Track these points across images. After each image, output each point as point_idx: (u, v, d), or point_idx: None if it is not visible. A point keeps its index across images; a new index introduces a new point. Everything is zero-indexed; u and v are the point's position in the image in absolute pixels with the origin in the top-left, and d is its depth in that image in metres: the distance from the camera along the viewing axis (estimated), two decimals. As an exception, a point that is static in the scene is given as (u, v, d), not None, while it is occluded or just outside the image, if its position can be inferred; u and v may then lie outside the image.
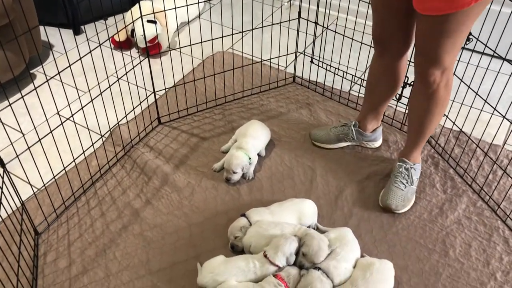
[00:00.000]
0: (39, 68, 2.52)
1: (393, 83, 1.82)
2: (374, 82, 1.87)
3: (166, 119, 2.21)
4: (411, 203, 1.82)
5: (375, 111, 1.96)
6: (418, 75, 1.58)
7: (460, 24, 1.37)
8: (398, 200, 1.77)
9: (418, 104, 1.68)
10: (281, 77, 2.46)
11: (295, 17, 2.29)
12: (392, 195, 1.78)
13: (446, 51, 1.45)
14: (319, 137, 2.06)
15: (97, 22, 2.90)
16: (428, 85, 1.56)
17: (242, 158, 1.86)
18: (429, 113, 1.66)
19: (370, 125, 2.00)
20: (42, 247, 1.67)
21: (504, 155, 2.03)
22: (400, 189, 1.79)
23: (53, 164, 1.92)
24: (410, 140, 1.81)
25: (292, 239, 1.51)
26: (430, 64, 1.50)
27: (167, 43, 2.60)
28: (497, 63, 2.47)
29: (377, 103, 1.93)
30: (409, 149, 1.83)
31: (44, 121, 2.19)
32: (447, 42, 1.42)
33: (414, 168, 1.83)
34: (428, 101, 1.62)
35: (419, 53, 1.52)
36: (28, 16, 2.27)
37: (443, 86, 1.57)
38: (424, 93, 1.61)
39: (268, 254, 1.49)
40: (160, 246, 1.68)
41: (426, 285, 1.57)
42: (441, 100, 1.61)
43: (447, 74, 1.54)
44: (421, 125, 1.72)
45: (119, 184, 1.90)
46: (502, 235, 1.73)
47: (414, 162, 1.83)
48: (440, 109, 1.65)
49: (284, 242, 1.50)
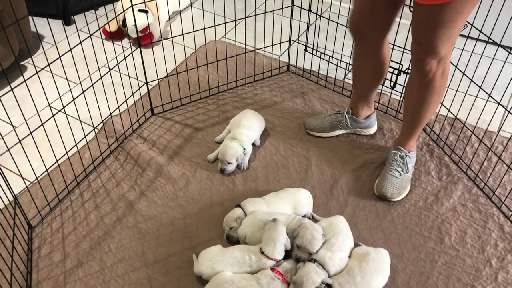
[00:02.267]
0: (28, 60, 2.48)
1: (377, 69, 1.81)
2: (359, 69, 1.86)
3: (159, 110, 2.19)
4: (407, 191, 1.82)
5: (365, 97, 1.94)
6: (414, 64, 1.57)
7: (456, 14, 1.36)
8: (393, 188, 1.77)
9: (414, 93, 1.67)
10: (275, 66, 2.44)
11: (288, 5, 2.26)
12: (387, 183, 1.78)
13: (442, 41, 1.43)
14: (314, 126, 2.05)
15: (88, 12, 2.85)
16: (424, 74, 1.55)
17: (237, 148, 1.85)
18: (425, 102, 1.65)
19: (363, 112, 1.99)
20: (36, 240, 1.66)
21: (499, 141, 2.03)
22: (395, 177, 1.79)
23: (46, 157, 1.90)
24: (405, 128, 1.80)
25: (278, 225, 1.50)
26: (426, 53, 1.48)
27: (159, 33, 2.56)
28: (492, 49, 2.46)
29: (365, 90, 1.91)
30: (404, 137, 1.83)
31: (35, 113, 2.17)
32: (443, 32, 1.40)
33: (409, 156, 1.82)
34: (424, 90, 1.61)
35: (415, 42, 1.51)
36: (16, 6, 2.23)
37: (439, 75, 1.56)
38: (420, 82, 1.60)
39: (266, 251, 1.48)
40: (155, 238, 1.67)
41: (422, 272, 1.58)
42: (437, 89, 1.60)
43: (444, 63, 1.53)
44: (417, 113, 1.71)
45: (113, 176, 1.89)
46: (497, 221, 1.73)
47: (409, 150, 1.83)
48: (436, 98, 1.64)
49: (276, 232, 1.49)
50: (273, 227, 1.50)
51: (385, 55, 1.77)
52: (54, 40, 1.68)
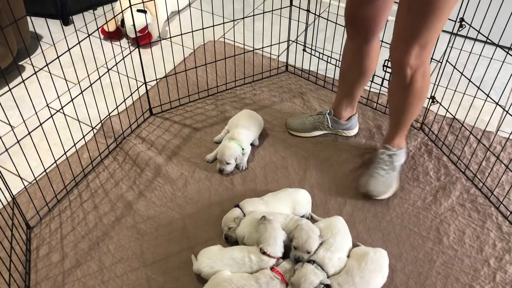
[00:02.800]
0: (27, 60, 2.48)
1: (365, 67, 1.81)
2: (347, 67, 1.86)
3: (157, 110, 2.19)
4: (393, 190, 1.81)
5: (349, 97, 1.94)
6: (394, 66, 1.57)
7: (438, 6, 1.36)
8: (379, 186, 1.77)
9: (396, 95, 1.67)
10: (274, 66, 2.44)
11: (287, 5, 2.26)
12: (373, 181, 1.78)
13: (423, 35, 1.43)
14: (295, 126, 2.05)
15: (86, 12, 2.85)
16: (404, 77, 1.55)
17: (235, 148, 1.85)
18: (407, 103, 1.65)
19: (345, 113, 1.99)
20: (35, 241, 1.66)
21: (497, 141, 2.03)
22: (382, 176, 1.79)
23: (44, 157, 1.90)
24: (392, 127, 1.80)
25: (273, 222, 1.51)
26: (407, 50, 1.48)
27: (157, 33, 2.56)
28: (490, 49, 2.46)
29: (351, 89, 1.91)
30: (391, 135, 1.82)
31: (34, 114, 2.16)
32: (424, 24, 1.40)
33: (396, 154, 1.81)
34: (406, 92, 1.61)
35: (396, 36, 1.51)
36: (15, 6, 2.23)
37: (420, 78, 1.56)
38: (401, 85, 1.60)
39: (268, 251, 1.47)
40: (154, 238, 1.67)
41: (421, 272, 1.58)
42: (418, 91, 1.60)
43: (423, 65, 1.54)
44: (401, 113, 1.71)
45: (112, 177, 1.88)
46: (495, 221, 1.73)
47: (398, 147, 1.82)
48: (419, 99, 1.64)
49: (273, 230, 1.49)
50: (269, 226, 1.50)
51: (375, 54, 1.77)
52: (53, 40, 1.68)
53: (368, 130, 2.09)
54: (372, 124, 2.12)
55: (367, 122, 2.13)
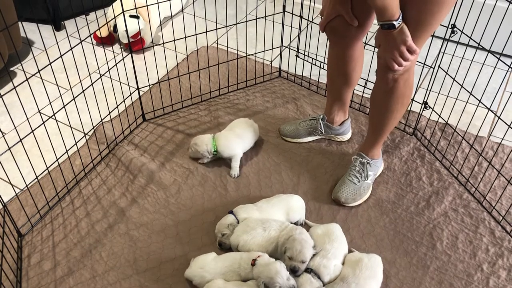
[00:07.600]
0: (18, 66, 2.46)
1: (351, 71, 1.81)
2: (333, 72, 1.86)
3: (150, 116, 2.18)
4: (364, 198, 1.81)
5: (339, 102, 1.94)
6: (379, 70, 1.57)
7: (429, 23, 1.38)
8: (348, 193, 1.77)
9: (378, 100, 1.67)
10: (267, 71, 2.45)
11: (280, 11, 2.27)
12: (344, 187, 1.78)
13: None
14: (288, 132, 2.05)
15: (78, 17, 2.84)
16: (388, 81, 1.56)
17: (207, 143, 1.89)
18: (388, 109, 1.65)
19: (337, 117, 1.99)
20: (26, 249, 1.64)
21: (489, 146, 2.05)
22: (353, 183, 1.79)
23: (36, 164, 1.88)
24: (369, 135, 1.80)
25: (277, 265, 1.41)
26: None
27: (150, 39, 2.55)
28: (481, 54, 2.48)
29: (340, 93, 1.91)
30: (368, 144, 1.82)
31: (25, 120, 2.14)
32: (413, 38, 1.41)
33: (370, 164, 1.82)
34: (387, 97, 1.61)
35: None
36: (6, 11, 2.21)
37: (403, 83, 1.56)
38: (383, 89, 1.61)
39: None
40: (147, 245, 1.66)
41: (414, 278, 1.58)
42: (400, 97, 1.61)
43: (408, 71, 1.54)
44: (381, 121, 1.71)
45: (104, 183, 1.87)
46: (488, 226, 1.74)
47: (372, 158, 1.82)
48: (400, 106, 1.64)
49: (275, 275, 1.39)
50: (270, 267, 1.41)
51: (359, 55, 1.77)
52: (44, 45, 1.67)
53: (361, 135, 2.10)
54: (365, 129, 2.12)
55: (360, 127, 2.13)
